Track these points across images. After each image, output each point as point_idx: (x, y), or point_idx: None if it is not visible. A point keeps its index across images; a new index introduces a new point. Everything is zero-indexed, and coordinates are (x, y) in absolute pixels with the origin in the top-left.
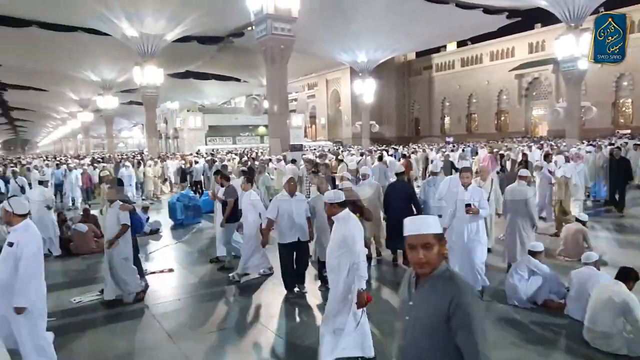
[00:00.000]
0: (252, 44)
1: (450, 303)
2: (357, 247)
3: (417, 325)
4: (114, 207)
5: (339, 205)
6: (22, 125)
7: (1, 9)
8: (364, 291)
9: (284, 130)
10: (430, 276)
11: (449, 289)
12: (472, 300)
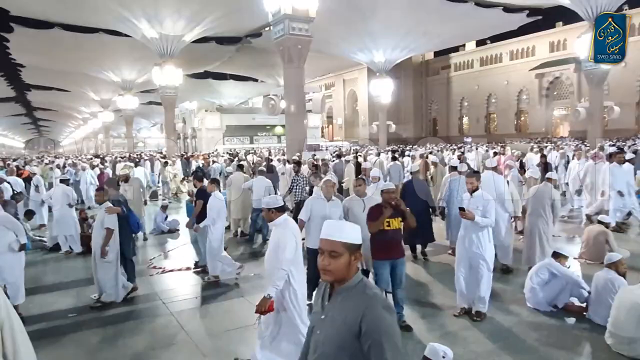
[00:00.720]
0: (270, 44)
1: (362, 318)
2: (285, 254)
3: (327, 340)
4: (101, 209)
5: (276, 211)
6: (45, 125)
7: (26, 11)
8: (269, 298)
9: (301, 131)
10: (342, 288)
11: (361, 303)
12: (384, 314)
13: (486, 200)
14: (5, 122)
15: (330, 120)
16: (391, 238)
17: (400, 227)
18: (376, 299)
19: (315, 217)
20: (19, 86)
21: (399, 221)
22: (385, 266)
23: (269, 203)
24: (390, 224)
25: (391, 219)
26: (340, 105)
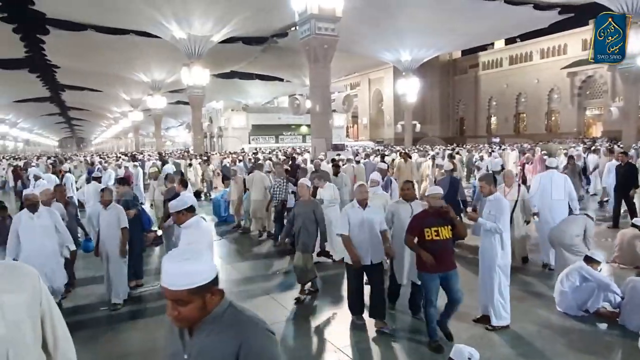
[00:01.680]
0: (296, 44)
1: (239, 349)
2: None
3: None
4: (111, 209)
5: (187, 212)
6: (78, 124)
7: (61, 13)
8: None
9: (326, 130)
10: (205, 322)
11: (236, 333)
12: (266, 343)
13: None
14: (41, 122)
15: (355, 120)
16: (441, 249)
17: (450, 237)
18: (253, 324)
19: (353, 228)
20: (54, 87)
21: (448, 230)
22: (434, 279)
23: (177, 206)
24: (440, 233)
25: (440, 227)
26: (366, 105)
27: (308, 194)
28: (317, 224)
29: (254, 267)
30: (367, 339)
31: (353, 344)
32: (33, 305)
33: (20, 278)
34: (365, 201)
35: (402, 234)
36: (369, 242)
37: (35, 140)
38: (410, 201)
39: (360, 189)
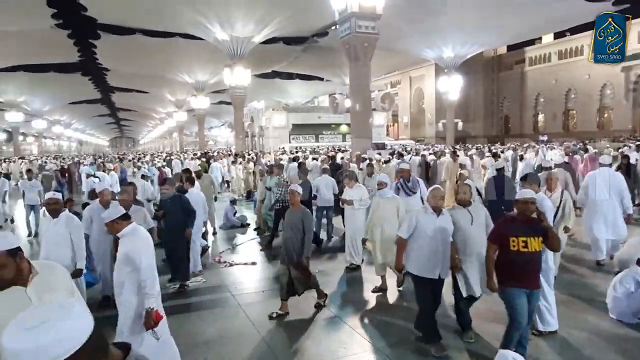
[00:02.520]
0: (336, 43)
1: None
2: (143, 264)
3: None
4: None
5: (122, 220)
6: (127, 125)
7: (111, 19)
8: (151, 310)
9: (366, 129)
10: None
11: None
12: None
13: (544, 207)
14: (93, 122)
15: (395, 118)
16: (528, 262)
17: (540, 249)
18: None
19: (423, 236)
20: (104, 89)
21: (539, 242)
22: (521, 296)
23: (109, 215)
24: (528, 244)
25: (529, 238)
26: (406, 103)
27: (298, 201)
28: (305, 234)
29: None
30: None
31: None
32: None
33: (58, 278)
34: (440, 208)
35: (465, 244)
36: (442, 254)
37: (88, 140)
38: (466, 206)
39: (434, 193)
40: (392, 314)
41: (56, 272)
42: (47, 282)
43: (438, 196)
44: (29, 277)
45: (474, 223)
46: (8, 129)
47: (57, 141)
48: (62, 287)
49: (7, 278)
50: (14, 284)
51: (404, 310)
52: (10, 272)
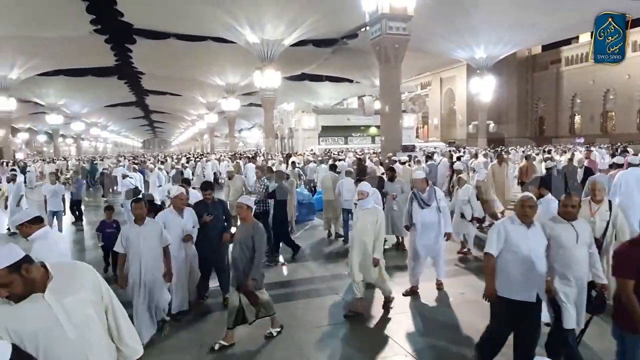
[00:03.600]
0: (366, 44)
1: None
2: None
3: None
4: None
5: (31, 224)
6: (160, 127)
7: (146, 24)
8: None
9: (396, 131)
10: None
11: None
12: None
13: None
14: (127, 124)
15: (425, 120)
16: None
17: None
18: None
19: (514, 251)
20: (139, 92)
21: None
22: None
23: (19, 219)
24: None
25: None
26: (437, 105)
27: (249, 216)
28: (254, 252)
29: (322, 267)
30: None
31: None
32: (96, 300)
33: (80, 277)
34: (530, 218)
35: (568, 266)
36: (534, 273)
37: (122, 142)
38: (571, 220)
39: (523, 200)
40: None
41: (76, 271)
42: (65, 285)
43: (527, 205)
44: (46, 283)
45: (579, 241)
46: (49, 130)
47: (94, 143)
48: (86, 287)
49: (17, 293)
50: (29, 294)
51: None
52: (18, 286)
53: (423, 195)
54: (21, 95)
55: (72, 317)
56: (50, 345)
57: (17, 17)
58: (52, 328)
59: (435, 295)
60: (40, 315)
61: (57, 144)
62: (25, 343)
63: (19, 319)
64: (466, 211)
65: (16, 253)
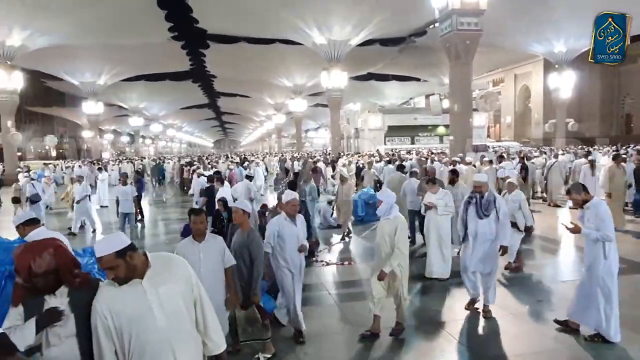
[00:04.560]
0: (435, 42)
1: None
2: None
3: None
4: (210, 241)
5: (25, 226)
6: (230, 128)
7: (219, 29)
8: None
9: (466, 130)
10: None
11: None
12: None
13: (601, 213)
14: (200, 125)
15: (497, 118)
16: None
17: None
18: None
19: None
20: (211, 94)
21: None
22: None
23: (15, 222)
24: None
25: None
26: (510, 103)
27: (245, 221)
28: (252, 263)
29: None
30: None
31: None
32: (187, 293)
33: (174, 269)
34: None
35: None
36: None
37: (195, 142)
38: None
39: None
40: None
41: (171, 263)
42: (161, 275)
43: None
44: (145, 270)
45: None
46: (131, 132)
47: (170, 143)
48: (179, 279)
49: (121, 276)
50: (130, 278)
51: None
52: (122, 270)
53: (482, 201)
54: (107, 100)
55: (164, 306)
56: (141, 329)
57: (105, 28)
58: (145, 313)
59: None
60: (136, 299)
61: (138, 145)
62: (122, 324)
63: (119, 301)
64: (519, 220)
65: (123, 240)
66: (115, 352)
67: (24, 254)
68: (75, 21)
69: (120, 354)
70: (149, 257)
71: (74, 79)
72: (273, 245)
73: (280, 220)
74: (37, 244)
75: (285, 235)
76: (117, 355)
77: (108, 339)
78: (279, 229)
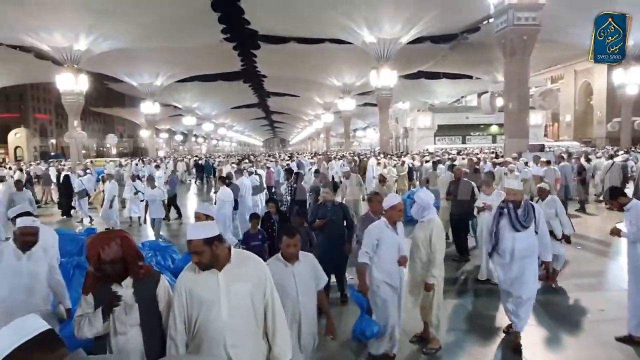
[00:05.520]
0: (488, 38)
1: None
2: None
3: None
4: (303, 261)
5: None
6: (279, 127)
7: (269, 29)
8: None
9: (522, 129)
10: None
11: None
12: None
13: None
14: (250, 125)
15: (555, 117)
16: None
17: None
18: None
19: None
20: (261, 94)
21: None
22: None
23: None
24: None
25: None
26: (569, 100)
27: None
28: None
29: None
30: None
31: None
32: (256, 294)
33: (252, 270)
34: None
35: None
36: None
37: (245, 141)
38: None
39: None
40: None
41: (249, 262)
42: (237, 272)
43: None
44: (225, 264)
45: None
46: (184, 131)
47: (220, 142)
48: (253, 280)
49: (204, 262)
50: (211, 267)
51: None
52: (206, 257)
53: (518, 211)
54: (163, 100)
55: (232, 302)
56: (206, 319)
57: (163, 32)
58: (213, 304)
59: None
60: (209, 288)
61: (191, 143)
62: (193, 303)
63: (196, 284)
64: (556, 228)
65: (213, 230)
66: (185, 321)
67: (94, 242)
68: (136, 26)
69: (187, 328)
70: (232, 253)
71: (133, 81)
72: (371, 255)
73: (380, 227)
74: (106, 234)
75: (385, 244)
76: (185, 325)
77: (179, 312)
78: (378, 237)
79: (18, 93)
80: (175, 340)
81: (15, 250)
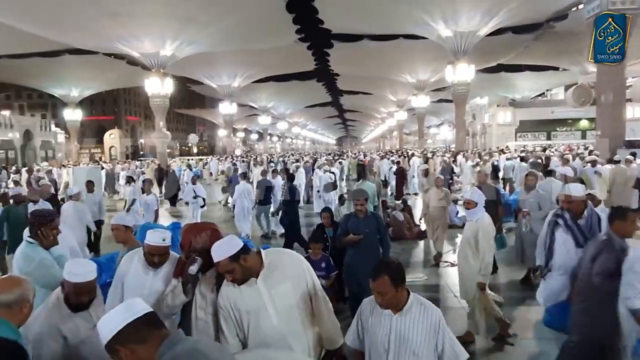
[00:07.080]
0: (578, 26)
1: None
2: None
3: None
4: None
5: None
6: (352, 125)
7: (342, 28)
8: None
9: (617, 125)
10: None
11: None
12: None
13: None
14: (323, 123)
15: None
16: None
17: None
18: None
19: None
20: (334, 92)
21: None
22: None
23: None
24: None
25: None
26: None
27: (129, 239)
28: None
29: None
30: None
31: None
32: (298, 288)
33: (287, 268)
34: None
35: None
36: None
37: (319, 139)
38: None
39: None
40: None
41: (284, 261)
42: (274, 275)
43: None
44: (260, 270)
45: None
46: (260, 130)
47: (295, 140)
48: (291, 277)
49: (238, 278)
50: (248, 278)
51: None
52: (238, 273)
53: (580, 222)
54: (240, 100)
55: (277, 306)
56: (258, 324)
57: (240, 34)
58: (260, 311)
59: None
60: (252, 298)
61: (266, 142)
62: (241, 315)
63: (239, 298)
64: None
65: (235, 245)
66: (237, 334)
67: (187, 231)
68: (216, 30)
69: (242, 336)
70: (263, 256)
71: (213, 82)
72: None
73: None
74: (199, 225)
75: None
76: (239, 337)
77: (227, 325)
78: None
79: (112, 97)
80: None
81: (145, 264)
